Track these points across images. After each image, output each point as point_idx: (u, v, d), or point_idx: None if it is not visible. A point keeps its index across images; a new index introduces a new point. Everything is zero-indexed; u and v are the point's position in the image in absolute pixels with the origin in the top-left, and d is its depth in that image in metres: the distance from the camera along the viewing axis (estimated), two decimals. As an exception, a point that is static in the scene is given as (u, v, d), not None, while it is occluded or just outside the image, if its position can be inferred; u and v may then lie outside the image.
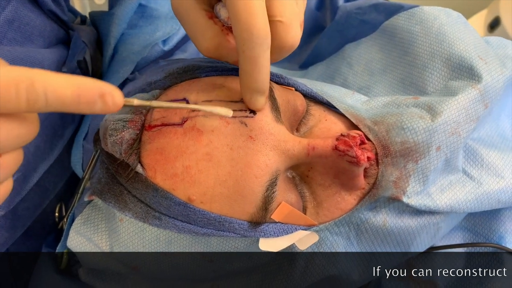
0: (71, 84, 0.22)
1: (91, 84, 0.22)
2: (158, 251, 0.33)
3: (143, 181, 0.30)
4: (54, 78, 0.21)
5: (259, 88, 0.29)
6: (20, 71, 0.21)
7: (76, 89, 0.22)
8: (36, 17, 0.37)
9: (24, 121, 0.23)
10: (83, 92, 0.22)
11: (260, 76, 0.28)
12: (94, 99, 0.22)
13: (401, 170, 0.32)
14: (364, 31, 0.47)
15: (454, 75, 0.37)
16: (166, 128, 0.30)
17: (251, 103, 0.30)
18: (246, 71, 0.28)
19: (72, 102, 0.22)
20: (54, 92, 0.21)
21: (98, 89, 0.22)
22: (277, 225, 0.32)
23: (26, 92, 0.20)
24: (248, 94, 0.29)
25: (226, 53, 0.31)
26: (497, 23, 1.09)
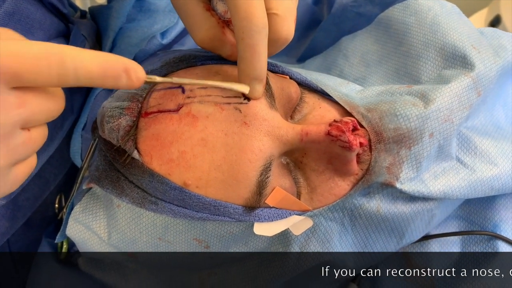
0: (98, 60, 0.23)
1: (116, 59, 0.23)
2: (155, 237, 0.34)
3: (139, 167, 0.31)
4: (82, 54, 0.22)
5: (258, 76, 0.29)
6: (51, 46, 0.21)
7: (103, 63, 0.23)
8: (36, 10, 0.38)
9: (53, 96, 0.24)
10: (109, 67, 0.23)
11: (258, 64, 0.29)
12: (119, 73, 0.23)
13: (394, 156, 0.33)
14: (360, 23, 0.48)
15: (448, 64, 0.38)
16: (162, 115, 0.31)
17: (249, 91, 0.30)
18: (245, 58, 0.28)
19: (99, 77, 0.23)
20: (83, 67, 0.22)
21: (123, 65, 0.24)
22: (272, 210, 0.32)
23: (57, 66, 0.21)
24: (246, 82, 0.30)
25: (220, 45, 0.32)
26: (497, 21, 1.09)
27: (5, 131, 0.21)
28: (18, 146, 0.23)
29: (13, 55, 0.20)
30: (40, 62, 0.21)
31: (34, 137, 0.24)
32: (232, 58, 0.33)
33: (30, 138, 0.24)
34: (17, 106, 0.22)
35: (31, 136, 0.24)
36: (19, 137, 0.23)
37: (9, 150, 0.22)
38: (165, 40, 0.48)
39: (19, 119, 0.22)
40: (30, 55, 0.21)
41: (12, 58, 0.20)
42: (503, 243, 0.39)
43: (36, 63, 0.21)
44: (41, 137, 0.25)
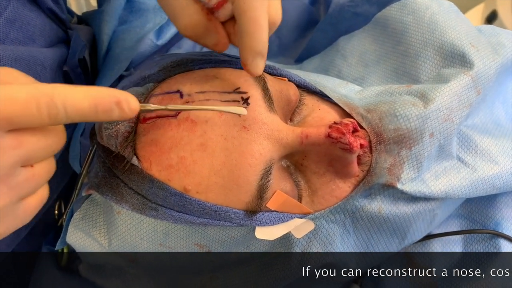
0: (87, 96, 0.23)
1: (107, 93, 0.24)
2: (156, 243, 0.34)
3: (139, 173, 0.31)
4: (71, 92, 0.23)
5: (261, 50, 0.28)
6: (39, 88, 0.22)
7: (92, 100, 0.23)
8: (36, 17, 0.38)
9: (49, 132, 0.24)
10: (100, 102, 0.24)
11: (262, 37, 0.28)
12: (111, 107, 0.24)
13: (395, 157, 0.32)
14: (357, 23, 0.47)
15: (447, 63, 0.37)
16: (161, 120, 0.31)
17: (252, 66, 0.29)
18: (248, 32, 0.27)
19: (90, 112, 0.23)
20: (72, 105, 0.23)
21: (114, 98, 0.24)
22: (273, 214, 0.32)
23: (46, 107, 0.22)
24: (250, 57, 0.28)
25: (205, 32, 0.30)
26: (494, 16, 1.09)
27: (4, 172, 0.22)
28: (21, 183, 0.24)
29: (4, 101, 0.21)
30: (30, 105, 0.21)
31: (38, 172, 0.25)
32: (218, 48, 0.31)
33: (34, 174, 0.24)
34: (14, 148, 0.22)
35: (34, 172, 0.24)
36: (20, 175, 0.23)
37: (11, 188, 0.23)
38: (160, 41, 0.48)
39: (17, 159, 0.23)
40: (19, 99, 0.21)
41: (4, 104, 0.21)
42: (505, 241, 0.39)
43: (26, 106, 0.21)
44: (46, 171, 0.25)
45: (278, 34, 0.57)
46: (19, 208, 0.25)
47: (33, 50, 0.36)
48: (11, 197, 0.24)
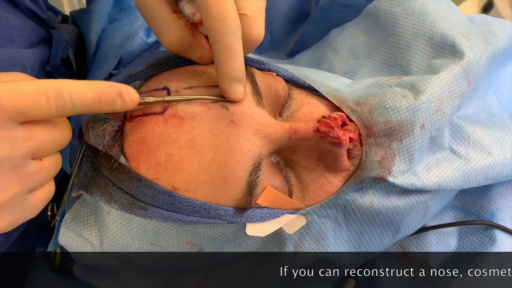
0: (91, 88, 0.25)
1: (110, 85, 0.26)
2: (147, 242, 0.33)
3: (126, 172, 0.30)
4: (76, 84, 0.24)
5: (237, 76, 0.29)
6: (47, 82, 0.24)
7: (96, 91, 0.25)
8: (14, 17, 0.37)
9: (57, 126, 0.26)
10: (103, 93, 0.25)
11: (237, 63, 0.28)
12: (114, 98, 0.26)
13: (385, 149, 0.32)
14: (348, 15, 0.47)
15: (437, 53, 0.37)
16: (148, 118, 0.30)
17: (231, 93, 0.29)
18: (222, 59, 0.28)
19: (94, 103, 0.25)
20: (78, 96, 0.24)
21: (116, 89, 0.26)
22: (263, 210, 0.32)
23: (54, 99, 0.23)
24: (227, 83, 0.29)
25: (190, 47, 0.31)
26: (490, 6, 1.09)
27: (16, 162, 0.24)
28: (30, 174, 0.25)
29: (15, 94, 0.23)
30: (39, 97, 0.23)
31: (46, 165, 0.26)
32: (203, 61, 0.32)
33: (42, 166, 0.26)
34: (25, 139, 0.24)
35: (43, 165, 0.26)
36: (30, 167, 0.25)
37: (22, 178, 0.25)
38: (150, 39, 0.48)
39: (28, 150, 0.24)
40: (30, 92, 0.23)
41: (15, 97, 0.22)
42: (500, 232, 0.39)
43: (36, 99, 0.23)
44: (54, 165, 0.27)
45: (269, 29, 0.57)
46: (28, 200, 0.26)
47: (11, 51, 0.36)
48: (21, 187, 0.25)
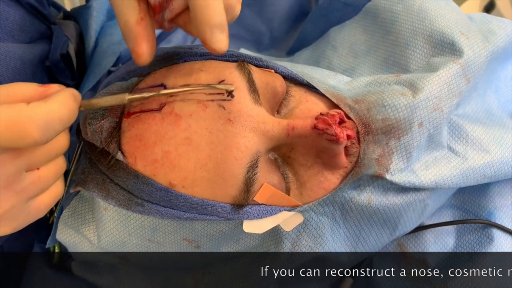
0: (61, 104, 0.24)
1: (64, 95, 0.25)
2: (144, 238, 0.33)
3: (124, 169, 0.30)
4: (46, 106, 0.24)
5: (218, 23, 0.26)
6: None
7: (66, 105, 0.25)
8: (14, 12, 0.37)
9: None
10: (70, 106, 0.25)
11: (217, 9, 0.26)
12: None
13: (383, 147, 0.32)
14: (348, 13, 0.47)
15: (436, 51, 0.37)
16: (145, 114, 0.30)
17: (212, 42, 0.27)
18: (200, 5, 0.26)
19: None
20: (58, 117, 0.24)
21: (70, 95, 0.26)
22: (261, 207, 0.32)
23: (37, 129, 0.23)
24: (208, 32, 0.26)
25: (128, 34, 0.28)
26: (491, 6, 1.09)
27: (7, 180, 0.24)
28: (27, 186, 0.25)
29: None
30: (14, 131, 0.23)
31: (44, 174, 0.26)
32: (132, 56, 0.29)
33: (40, 176, 0.26)
34: (12, 159, 0.24)
35: (40, 175, 0.26)
36: (25, 180, 0.25)
37: (18, 192, 0.25)
38: None
39: (17, 167, 0.24)
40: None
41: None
42: (498, 230, 0.39)
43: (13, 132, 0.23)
44: (54, 171, 0.27)
45: (269, 27, 0.57)
46: (31, 206, 0.27)
47: (10, 45, 0.36)
48: (19, 199, 0.25)
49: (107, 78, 0.38)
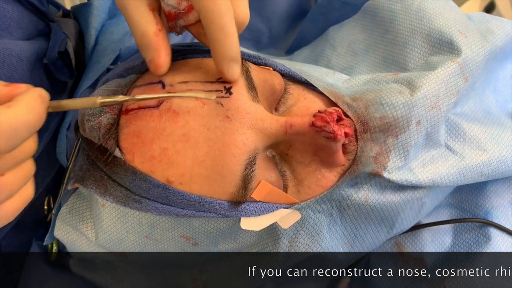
0: (26, 109, 0.23)
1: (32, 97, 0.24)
2: (142, 235, 0.33)
3: (121, 165, 0.30)
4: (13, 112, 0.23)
5: (234, 56, 0.29)
6: None
7: (31, 109, 0.24)
8: (12, 9, 0.37)
9: None
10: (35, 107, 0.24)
11: (233, 43, 0.28)
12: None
13: (381, 145, 0.32)
14: (347, 12, 0.47)
15: (434, 50, 0.37)
16: (143, 111, 0.30)
17: (229, 73, 0.30)
18: (219, 40, 0.28)
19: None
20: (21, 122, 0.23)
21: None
22: (258, 204, 0.32)
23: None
24: (225, 64, 0.29)
25: (147, 45, 0.29)
26: (491, 7, 1.09)
27: None
28: None
29: None
30: None
31: (10, 180, 0.25)
32: (150, 66, 0.30)
33: (5, 182, 0.24)
34: None
35: (6, 181, 0.24)
36: None
37: None
38: None
39: None
40: None
41: None
42: (495, 229, 0.39)
43: None
44: (19, 176, 0.25)
45: (268, 26, 0.57)
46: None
47: (7, 42, 0.36)
48: None
49: (106, 75, 0.38)
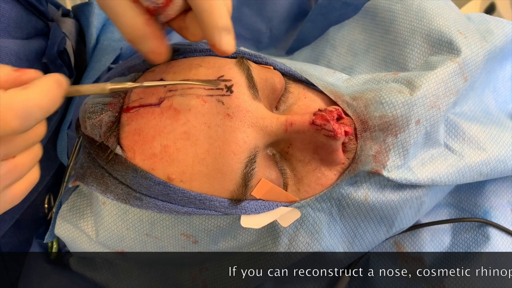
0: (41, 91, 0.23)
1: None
2: (142, 233, 0.34)
3: (122, 163, 0.31)
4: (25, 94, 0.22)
5: (225, 25, 0.28)
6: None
7: (47, 92, 0.23)
8: (11, 8, 0.37)
9: None
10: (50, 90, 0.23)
11: (222, 11, 0.27)
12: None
13: (380, 144, 0.32)
14: (347, 13, 0.47)
15: (434, 50, 0.37)
16: (144, 109, 0.31)
17: (222, 44, 0.28)
18: (206, 9, 0.27)
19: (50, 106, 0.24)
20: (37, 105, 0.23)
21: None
22: (258, 202, 0.32)
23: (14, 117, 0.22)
24: (216, 35, 0.27)
25: (142, 36, 0.29)
26: (492, 8, 1.09)
27: None
28: (2, 176, 0.24)
29: None
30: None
31: (20, 162, 0.25)
32: (152, 56, 0.30)
33: (16, 164, 0.25)
34: None
35: (16, 163, 0.25)
36: (1, 169, 0.24)
37: None
38: None
39: None
40: None
41: None
42: (494, 229, 0.39)
43: None
44: (29, 159, 0.26)
45: (269, 26, 0.57)
46: (6, 194, 0.26)
47: (5, 41, 0.36)
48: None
49: (107, 74, 0.39)
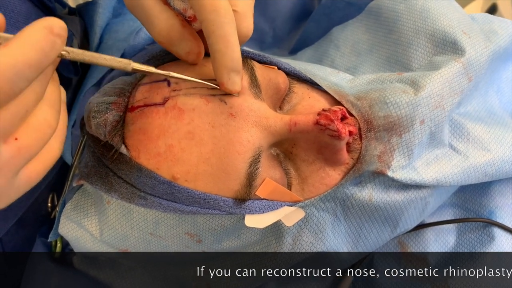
0: (29, 46, 0.20)
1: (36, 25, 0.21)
2: (146, 232, 0.34)
3: (127, 162, 0.31)
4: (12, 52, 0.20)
5: (235, 67, 0.28)
6: None
7: (33, 45, 0.21)
8: (20, 4, 0.37)
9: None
10: (39, 41, 0.21)
11: (234, 54, 0.28)
12: (52, 40, 0.21)
13: (385, 144, 0.32)
14: (351, 13, 0.47)
15: (438, 50, 0.37)
16: (149, 108, 0.31)
17: (229, 84, 0.29)
18: (219, 50, 0.28)
19: (41, 58, 0.21)
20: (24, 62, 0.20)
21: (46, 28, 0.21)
22: (262, 202, 0.32)
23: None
24: (225, 75, 0.29)
25: (179, 38, 0.30)
26: (494, 9, 1.09)
27: None
28: (8, 161, 0.22)
29: None
30: None
31: (26, 143, 0.22)
32: (190, 57, 0.31)
33: (19, 147, 0.22)
34: None
35: (20, 145, 0.22)
36: (4, 154, 0.21)
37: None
38: None
39: None
40: None
41: None
42: (499, 229, 0.39)
43: None
44: (35, 139, 0.23)
45: (272, 26, 0.57)
46: (20, 178, 0.23)
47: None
48: (3, 177, 0.22)
49: (111, 73, 0.39)
